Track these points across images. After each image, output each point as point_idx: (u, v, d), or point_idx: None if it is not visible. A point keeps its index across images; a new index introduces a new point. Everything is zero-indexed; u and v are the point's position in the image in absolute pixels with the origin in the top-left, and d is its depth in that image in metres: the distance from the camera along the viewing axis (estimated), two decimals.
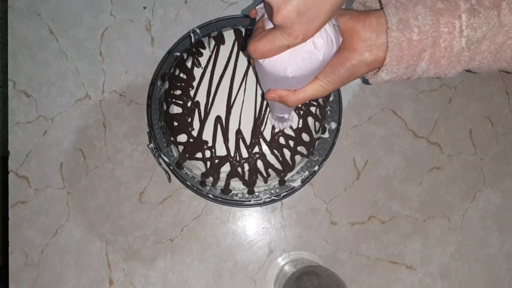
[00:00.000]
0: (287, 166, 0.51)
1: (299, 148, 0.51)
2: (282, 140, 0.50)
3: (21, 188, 0.62)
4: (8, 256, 0.61)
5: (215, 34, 0.53)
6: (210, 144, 0.49)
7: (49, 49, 0.65)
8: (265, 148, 0.49)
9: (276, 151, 0.50)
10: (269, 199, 0.57)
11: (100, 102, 0.64)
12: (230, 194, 0.57)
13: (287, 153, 0.50)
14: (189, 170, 0.56)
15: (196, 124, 0.50)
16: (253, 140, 0.49)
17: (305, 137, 0.51)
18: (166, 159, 0.56)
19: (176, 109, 0.51)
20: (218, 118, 0.49)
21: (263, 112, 0.50)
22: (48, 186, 0.62)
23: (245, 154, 0.49)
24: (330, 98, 0.58)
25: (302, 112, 0.50)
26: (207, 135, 0.49)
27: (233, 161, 0.49)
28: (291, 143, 0.50)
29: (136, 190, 0.62)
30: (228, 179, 0.52)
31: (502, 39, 0.31)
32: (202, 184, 0.56)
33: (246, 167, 0.50)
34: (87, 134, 0.63)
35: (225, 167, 0.50)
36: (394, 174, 0.63)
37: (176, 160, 0.56)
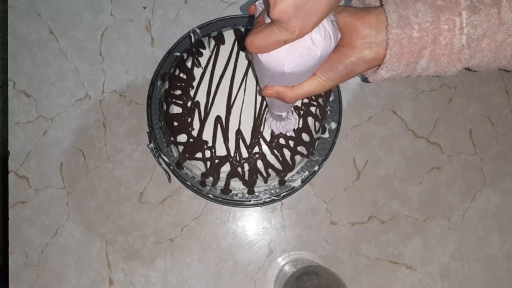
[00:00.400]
0: (287, 166, 0.51)
1: (299, 148, 0.51)
2: (282, 140, 0.50)
3: (21, 188, 0.62)
4: (8, 256, 0.61)
5: (215, 34, 0.53)
6: (210, 144, 0.49)
7: (49, 49, 0.65)
8: (265, 148, 0.49)
9: (276, 151, 0.50)
10: (269, 199, 0.57)
11: (100, 102, 0.64)
12: (230, 194, 0.57)
13: (287, 153, 0.50)
14: (189, 170, 0.56)
15: (196, 124, 0.50)
16: (253, 140, 0.49)
17: (305, 137, 0.51)
18: (166, 159, 0.56)
19: (176, 109, 0.51)
20: (218, 118, 0.49)
21: (263, 112, 0.50)
22: (48, 186, 0.62)
23: (245, 154, 0.49)
24: (330, 98, 0.58)
25: (302, 112, 0.50)
26: (207, 135, 0.49)
27: (233, 161, 0.49)
28: (291, 143, 0.50)
29: (136, 190, 0.62)
30: (228, 179, 0.52)
31: (502, 37, 0.31)
32: (202, 184, 0.56)
33: (246, 167, 0.50)
34: (87, 134, 0.63)
35: (225, 167, 0.50)
36: (394, 174, 0.63)
37: (176, 160, 0.56)
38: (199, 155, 0.49)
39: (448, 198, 0.62)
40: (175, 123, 0.50)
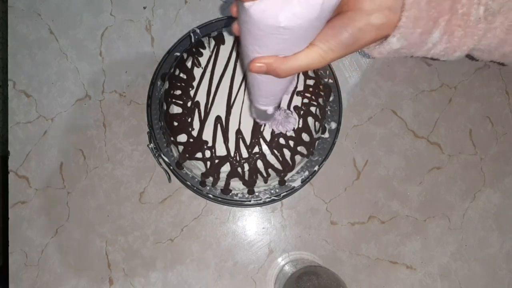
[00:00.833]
0: (287, 166, 0.51)
1: (299, 148, 0.51)
2: (282, 140, 0.50)
3: (21, 188, 0.62)
4: (8, 256, 0.61)
5: (215, 34, 0.53)
6: (210, 144, 0.49)
7: (49, 49, 0.65)
8: (265, 148, 0.49)
9: (276, 151, 0.50)
10: (269, 199, 0.57)
11: (100, 102, 0.64)
12: (230, 194, 0.57)
13: (287, 153, 0.50)
14: (189, 170, 0.56)
15: (196, 124, 0.50)
16: (253, 140, 0.49)
17: (305, 137, 0.51)
18: (166, 159, 0.56)
19: (176, 109, 0.51)
20: (218, 118, 0.49)
21: None
22: (48, 186, 0.62)
23: (245, 154, 0.49)
24: (330, 98, 0.58)
25: (302, 112, 0.50)
26: (207, 135, 0.49)
27: (233, 161, 0.49)
28: (291, 143, 0.50)
29: (136, 190, 0.62)
30: (228, 179, 0.52)
31: None
32: (202, 184, 0.56)
33: (246, 167, 0.50)
34: (87, 134, 0.63)
35: (225, 167, 0.50)
36: (394, 174, 0.63)
37: (176, 160, 0.56)
38: (199, 155, 0.49)
39: (448, 198, 0.62)
40: (175, 123, 0.50)
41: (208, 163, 0.50)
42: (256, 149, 0.49)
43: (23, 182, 0.62)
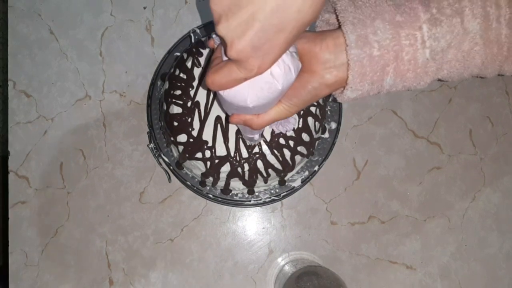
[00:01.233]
0: (287, 166, 0.51)
1: (299, 148, 0.51)
2: (282, 140, 0.50)
3: (21, 188, 0.62)
4: (8, 256, 0.61)
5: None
6: (210, 144, 0.49)
7: (49, 49, 0.65)
8: (265, 148, 0.49)
9: (276, 151, 0.50)
10: (269, 199, 0.57)
11: (100, 102, 0.64)
12: (230, 194, 0.57)
13: (287, 153, 0.50)
14: (189, 170, 0.56)
15: (196, 124, 0.50)
16: None
17: (305, 137, 0.51)
18: (166, 159, 0.56)
19: (176, 109, 0.51)
20: (218, 118, 0.49)
21: None
22: (48, 186, 0.62)
23: (245, 154, 0.49)
24: (330, 98, 0.58)
25: (302, 112, 0.50)
26: (207, 135, 0.49)
27: (233, 161, 0.49)
28: (291, 143, 0.50)
29: (136, 190, 0.62)
30: (228, 179, 0.52)
31: (469, 46, 0.30)
32: (202, 184, 0.56)
33: (246, 167, 0.50)
34: (87, 134, 0.63)
35: (225, 167, 0.50)
36: (394, 174, 0.63)
37: (176, 160, 0.56)
38: (199, 155, 0.49)
39: (448, 198, 0.62)
40: (175, 123, 0.50)
41: (208, 163, 0.50)
42: (256, 149, 0.49)
43: (23, 182, 0.62)
